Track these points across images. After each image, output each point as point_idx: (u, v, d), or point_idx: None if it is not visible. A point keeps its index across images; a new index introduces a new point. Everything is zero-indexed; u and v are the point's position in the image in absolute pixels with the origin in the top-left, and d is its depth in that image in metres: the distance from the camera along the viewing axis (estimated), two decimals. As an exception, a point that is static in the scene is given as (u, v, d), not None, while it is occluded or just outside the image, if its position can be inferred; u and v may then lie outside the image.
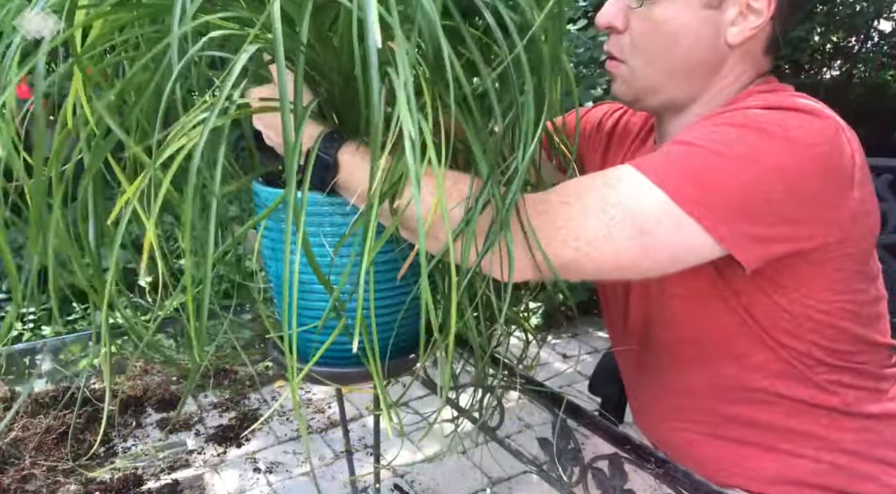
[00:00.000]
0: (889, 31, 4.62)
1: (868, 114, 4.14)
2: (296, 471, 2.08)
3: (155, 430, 2.26)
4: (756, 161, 0.62)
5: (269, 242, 0.74)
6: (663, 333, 0.84)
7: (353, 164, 0.64)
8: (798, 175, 0.63)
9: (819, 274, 0.71)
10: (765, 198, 0.62)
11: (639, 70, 0.77)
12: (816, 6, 4.10)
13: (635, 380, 0.96)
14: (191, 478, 2.03)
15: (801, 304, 0.73)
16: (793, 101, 0.67)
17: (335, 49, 0.60)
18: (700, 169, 0.63)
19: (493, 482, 2.04)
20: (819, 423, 0.78)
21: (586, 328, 3.01)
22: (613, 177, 0.65)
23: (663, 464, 0.69)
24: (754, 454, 0.81)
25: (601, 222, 0.62)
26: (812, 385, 0.77)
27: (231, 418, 2.32)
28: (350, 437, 1.75)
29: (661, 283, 0.79)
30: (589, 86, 2.60)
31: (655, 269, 0.66)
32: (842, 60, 4.81)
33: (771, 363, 0.77)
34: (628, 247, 0.63)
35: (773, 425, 0.80)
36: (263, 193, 0.73)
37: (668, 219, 0.62)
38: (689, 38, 0.74)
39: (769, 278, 0.71)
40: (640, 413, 0.98)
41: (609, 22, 0.76)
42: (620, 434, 0.74)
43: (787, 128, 0.64)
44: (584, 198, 0.64)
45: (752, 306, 0.74)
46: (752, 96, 0.74)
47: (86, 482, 1.96)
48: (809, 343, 0.75)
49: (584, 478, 0.77)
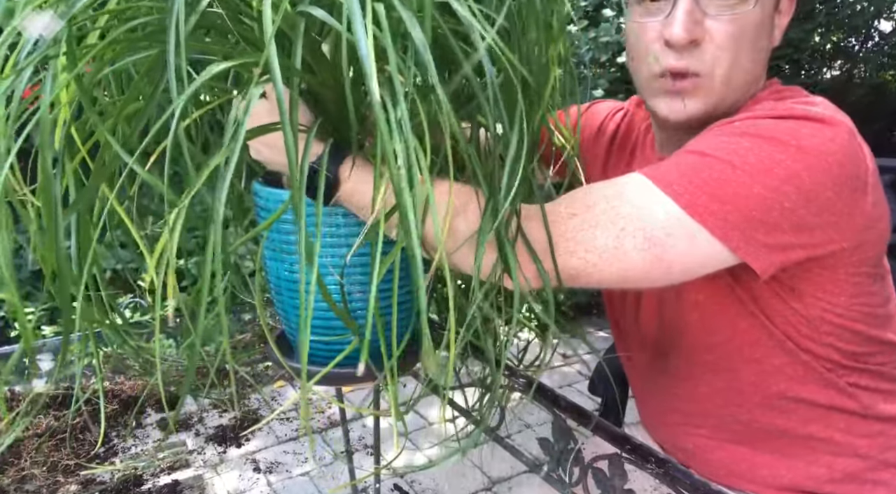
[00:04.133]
0: (889, 31, 4.62)
1: (868, 114, 4.14)
2: (295, 471, 2.08)
3: (155, 430, 2.26)
4: (769, 171, 0.62)
5: (269, 243, 0.74)
6: (679, 339, 0.83)
7: (354, 180, 0.63)
8: (812, 183, 0.62)
9: (834, 278, 0.71)
10: (779, 207, 0.62)
11: (727, 77, 0.73)
12: (816, 6, 4.10)
13: (645, 385, 0.95)
14: (191, 478, 2.03)
15: (818, 308, 0.73)
16: (803, 110, 0.67)
17: (329, 63, 0.60)
18: (713, 179, 0.62)
19: (493, 482, 2.04)
20: (836, 428, 0.78)
21: (586, 328, 3.01)
22: (623, 186, 0.65)
23: (663, 464, 0.69)
24: (769, 460, 0.81)
25: (611, 233, 0.61)
26: (831, 388, 0.77)
27: (231, 418, 2.32)
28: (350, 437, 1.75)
29: (678, 290, 0.78)
30: (592, 87, 2.61)
31: (668, 280, 0.65)
32: (842, 60, 4.81)
33: (789, 367, 0.76)
34: (640, 259, 0.62)
35: (789, 431, 0.79)
36: (264, 193, 0.73)
37: (681, 229, 0.61)
38: (765, 40, 0.74)
39: (785, 284, 0.71)
40: (649, 417, 0.97)
41: (693, 36, 0.71)
42: (620, 434, 0.74)
43: (799, 137, 0.64)
44: (592, 208, 0.63)
45: (770, 310, 0.74)
46: (760, 103, 0.73)
47: (86, 482, 1.96)
48: (827, 346, 0.75)
49: (584, 478, 0.77)
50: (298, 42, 0.51)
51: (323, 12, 0.50)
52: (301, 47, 0.50)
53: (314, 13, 0.50)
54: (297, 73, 0.51)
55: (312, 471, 2.09)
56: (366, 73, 0.44)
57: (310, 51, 0.56)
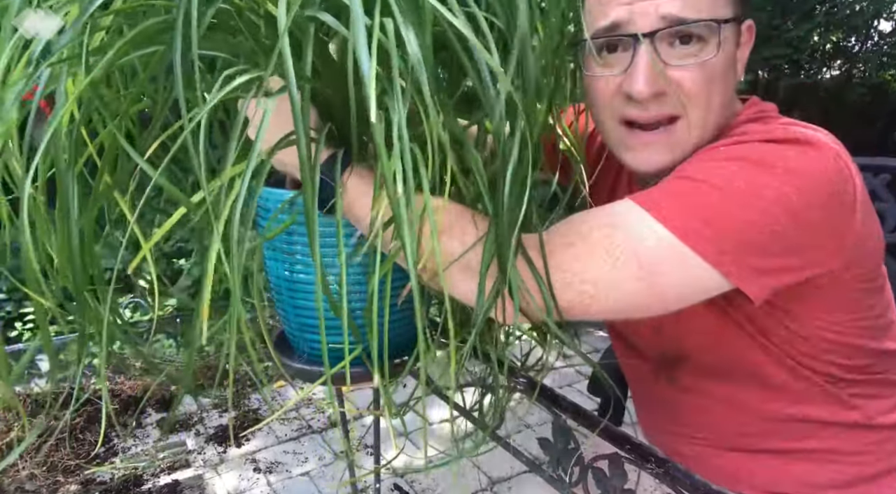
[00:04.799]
0: (889, 31, 4.61)
1: (868, 114, 4.14)
2: (295, 471, 2.08)
3: (155, 430, 2.26)
4: (758, 195, 0.62)
5: (269, 242, 0.74)
6: (679, 356, 0.83)
7: (356, 190, 0.63)
8: (801, 206, 0.62)
9: (828, 298, 0.71)
10: (769, 230, 0.62)
11: (700, 122, 0.71)
12: (815, 6, 4.10)
13: (644, 391, 0.95)
14: (191, 478, 2.03)
15: (814, 327, 0.73)
16: (788, 132, 0.67)
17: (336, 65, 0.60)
18: (703, 204, 0.62)
19: (493, 481, 2.04)
20: (840, 439, 0.78)
21: (586, 328, 3.01)
22: (616, 214, 0.64)
23: (663, 464, 0.69)
24: (770, 469, 0.81)
25: (606, 264, 0.61)
26: (834, 402, 0.77)
27: (231, 418, 2.32)
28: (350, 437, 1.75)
29: (676, 315, 0.76)
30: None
31: (664, 308, 0.65)
32: (841, 60, 4.81)
33: (791, 383, 0.76)
34: (635, 289, 0.62)
35: (792, 444, 0.79)
36: (265, 193, 0.73)
37: (674, 256, 0.61)
38: (731, 77, 0.73)
39: (779, 306, 0.71)
40: (647, 422, 0.97)
41: (655, 89, 0.69)
42: (620, 434, 0.74)
43: (786, 159, 0.64)
44: (587, 238, 0.63)
45: (767, 331, 0.74)
46: (742, 126, 0.73)
47: (86, 482, 1.96)
48: (827, 362, 0.75)
49: (584, 478, 0.77)
50: (308, 47, 0.50)
51: (332, 18, 0.50)
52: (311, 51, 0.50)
53: (323, 18, 0.50)
54: (308, 79, 0.50)
55: (312, 471, 2.09)
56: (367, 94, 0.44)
57: (317, 53, 0.56)
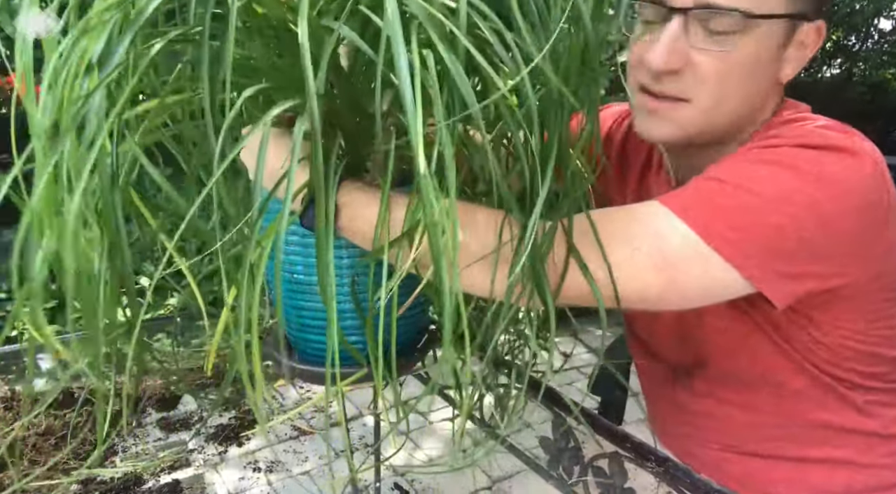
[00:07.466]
0: (889, 30, 4.62)
1: (868, 112, 4.15)
2: (295, 470, 2.08)
3: (155, 430, 2.26)
4: (788, 200, 0.61)
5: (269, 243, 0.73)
6: (698, 359, 0.83)
7: (356, 207, 0.61)
8: (833, 214, 0.61)
9: (853, 307, 0.70)
10: (797, 236, 0.61)
11: (709, 109, 0.69)
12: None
13: (657, 393, 0.94)
14: (191, 478, 2.03)
15: (837, 336, 0.72)
16: (827, 138, 0.65)
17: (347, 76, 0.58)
18: (731, 207, 0.61)
19: (494, 480, 2.04)
20: (856, 448, 0.78)
21: (586, 327, 3.01)
22: (641, 212, 0.64)
23: (663, 463, 0.69)
24: (785, 474, 0.81)
25: (626, 252, 0.61)
26: (850, 408, 0.77)
27: (231, 418, 2.32)
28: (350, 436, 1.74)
29: (699, 313, 0.76)
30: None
31: (685, 304, 0.65)
32: (842, 58, 4.82)
33: (810, 389, 0.76)
34: (654, 280, 0.61)
35: (807, 451, 0.79)
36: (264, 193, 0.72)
37: (697, 256, 0.61)
38: (763, 74, 0.70)
39: (802, 313, 0.71)
40: (659, 423, 0.96)
41: (670, 66, 0.68)
42: (621, 433, 0.74)
43: (821, 165, 0.62)
44: (608, 229, 0.62)
45: (790, 338, 0.74)
46: (776, 128, 0.71)
47: (86, 482, 1.96)
48: (849, 370, 0.75)
49: (585, 477, 0.77)
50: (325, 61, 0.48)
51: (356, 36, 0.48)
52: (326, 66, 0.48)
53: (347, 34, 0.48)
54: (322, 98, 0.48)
55: (313, 470, 2.09)
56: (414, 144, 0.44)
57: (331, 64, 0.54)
